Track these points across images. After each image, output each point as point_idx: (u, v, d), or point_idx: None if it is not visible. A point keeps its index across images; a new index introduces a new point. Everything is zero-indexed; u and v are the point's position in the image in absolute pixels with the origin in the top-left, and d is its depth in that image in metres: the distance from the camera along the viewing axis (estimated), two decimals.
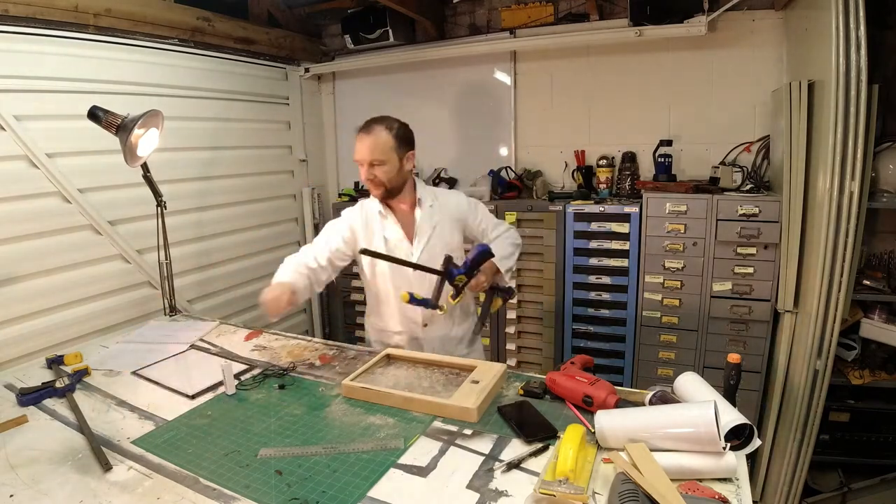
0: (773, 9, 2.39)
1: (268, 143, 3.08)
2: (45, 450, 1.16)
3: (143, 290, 2.33)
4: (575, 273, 2.57)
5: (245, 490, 1.01)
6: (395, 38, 2.91)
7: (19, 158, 1.89)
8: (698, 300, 2.34)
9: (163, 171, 2.17)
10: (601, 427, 1.05)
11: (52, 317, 2.00)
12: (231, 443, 1.17)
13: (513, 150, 3.03)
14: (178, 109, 2.40)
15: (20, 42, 1.89)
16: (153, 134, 1.88)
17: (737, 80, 2.50)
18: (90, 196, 2.10)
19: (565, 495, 0.89)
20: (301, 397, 1.39)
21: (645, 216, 2.36)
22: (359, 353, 1.67)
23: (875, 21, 1.78)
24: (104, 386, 1.49)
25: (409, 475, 1.04)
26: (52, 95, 1.98)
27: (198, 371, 1.56)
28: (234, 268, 2.83)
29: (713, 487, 0.93)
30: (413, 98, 3.22)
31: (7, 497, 1.00)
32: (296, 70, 3.24)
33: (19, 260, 1.90)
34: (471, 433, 1.18)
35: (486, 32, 2.96)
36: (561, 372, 1.32)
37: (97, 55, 2.13)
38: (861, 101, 1.76)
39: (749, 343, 2.30)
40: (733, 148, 2.52)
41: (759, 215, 2.16)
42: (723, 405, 1.04)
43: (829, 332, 1.95)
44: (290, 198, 3.27)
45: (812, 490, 2.29)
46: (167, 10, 2.39)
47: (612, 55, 2.70)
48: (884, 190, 2.06)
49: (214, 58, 2.67)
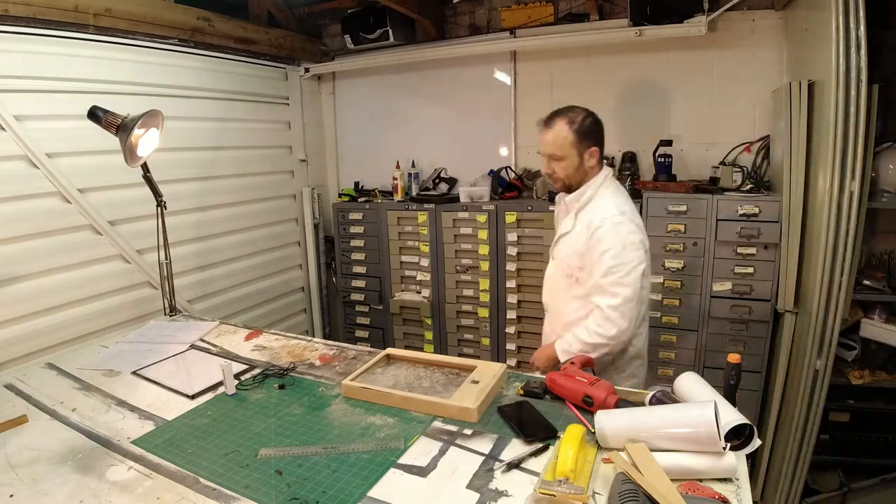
0: (773, 9, 2.39)
1: (268, 143, 3.08)
2: (45, 450, 1.16)
3: (143, 290, 2.33)
4: None
5: (245, 490, 1.01)
6: (395, 38, 2.91)
7: (19, 158, 1.89)
8: (698, 300, 2.34)
9: (163, 171, 2.17)
10: (601, 427, 1.05)
11: (52, 317, 2.00)
12: (231, 443, 1.17)
13: (513, 150, 3.03)
14: (178, 109, 2.40)
15: (20, 42, 1.89)
16: (153, 134, 1.88)
17: (737, 80, 2.50)
18: (90, 196, 2.10)
19: (565, 495, 0.89)
20: (301, 397, 1.39)
21: (645, 216, 2.36)
22: (359, 353, 1.67)
23: (875, 21, 1.78)
24: (104, 386, 1.48)
25: (409, 475, 1.04)
26: (52, 95, 1.98)
27: (198, 371, 1.56)
28: (234, 268, 2.83)
29: (713, 487, 0.93)
30: (413, 98, 3.22)
31: (7, 497, 1.00)
32: (296, 70, 3.24)
33: (19, 260, 1.90)
34: (471, 433, 1.18)
35: (486, 32, 2.96)
36: (561, 372, 1.32)
37: (97, 55, 2.13)
38: (861, 101, 1.76)
39: (749, 343, 2.30)
40: (733, 148, 2.52)
41: (759, 215, 2.16)
42: (723, 405, 1.04)
43: (830, 332, 1.95)
44: (290, 198, 3.27)
45: (812, 490, 2.28)
46: (167, 10, 2.39)
47: (612, 55, 2.70)
48: (884, 190, 2.06)
49: (214, 58, 2.67)
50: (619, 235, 1.48)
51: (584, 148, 1.57)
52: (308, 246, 3.34)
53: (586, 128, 1.56)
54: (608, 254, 1.48)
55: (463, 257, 2.83)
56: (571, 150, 1.56)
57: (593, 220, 1.53)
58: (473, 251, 2.79)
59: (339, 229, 3.20)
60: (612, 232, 1.49)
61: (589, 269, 1.54)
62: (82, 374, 1.57)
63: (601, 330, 1.49)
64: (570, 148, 1.56)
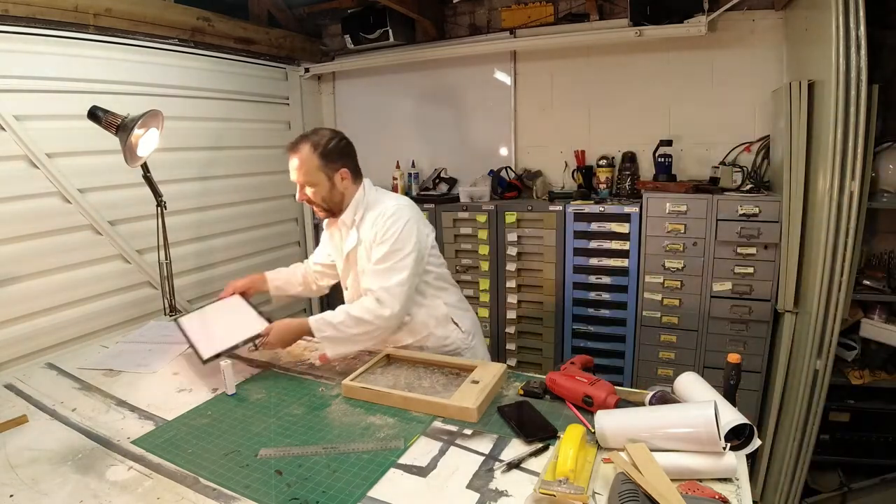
0: (773, 9, 2.39)
1: (268, 143, 3.08)
2: (45, 450, 1.16)
3: (143, 290, 2.33)
4: (575, 273, 2.57)
5: (245, 490, 1.01)
6: (395, 38, 2.91)
7: (19, 158, 1.89)
8: (698, 300, 2.34)
9: (163, 171, 2.17)
10: (601, 427, 1.05)
11: (52, 317, 2.00)
12: (231, 443, 1.17)
13: (513, 150, 3.03)
14: (178, 109, 2.40)
15: (20, 42, 1.89)
16: (153, 134, 1.88)
17: (737, 80, 2.50)
18: (90, 196, 2.10)
19: (565, 495, 0.89)
20: (301, 397, 1.39)
21: (645, 216, 2.36)
22: (359, 353, 1.66)
23: (875, 21, 1.78)
24: (104, 386, 1.48)
25: (409, 475, 1.04)
26: (52, 95, 1.98)
27: (235, 325, 1.61)
28: (234, 268, 2.83)
29: (713, 487, 0.93)
30: (413, 98, 3.22)
31: (7, 497, 1.00)
32: (296, 70, 3.24)
33: (19, 260, 1.90)
34: (471, 433, 1.18)
35: (486, 32, 2.96)
36: (561, 372, 1.32)
37: (97, 55, 2.13)
38: (861, 101, 1.76)
39: (749, 343, 2.30)
40: (733, 148, 2.52)
41: (759, 215, 2.16)
42: (723, 405, 1.04)
43: (829, 332, 1.95)
44: (290, 198, 3.23)
45: (812, 490, 2.28)
46: (167, 10, 2.39)
47: (612, 55, 2.70)
48: (884, 190, 2.06)
49: (214, 58, 2.67)
50: (385, 230, 1.52)
51: (332, 170, 1.55)
52: (308, 246, 3.34)
53: (333, 148, 1.55)
54: (387, 245, 1.51)
55: (463, 257, 2.83)
56: (320, 173, 1.54)
57: (375, 224, 1.55)
58: (473, 251, 2.79)
59: None
60: (382, 230, 1.53)
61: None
62: (82, 374, 1.57)
63: (368, 315, 1.49)
64: (318, 172, 1.53)
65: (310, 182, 1.55)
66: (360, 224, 1.61)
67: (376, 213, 1.57)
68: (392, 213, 1.54)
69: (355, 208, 1.61)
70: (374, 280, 1.52)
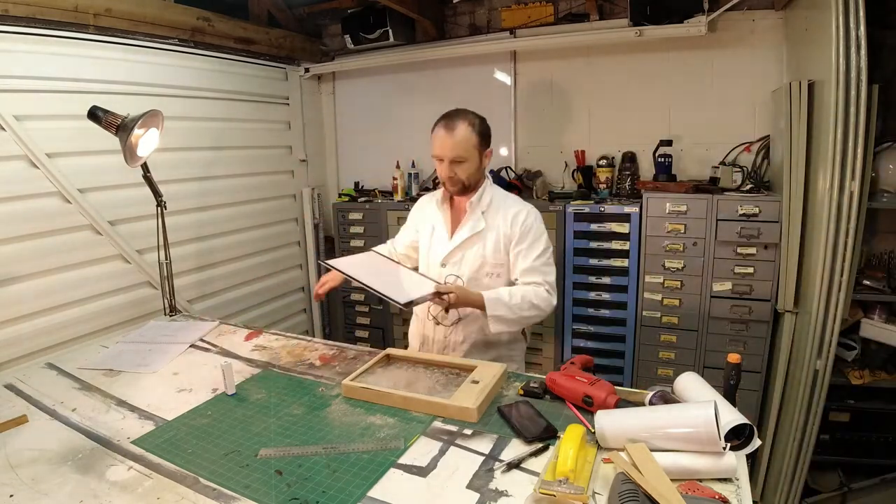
0: (773, 9, 2.39)
1: (268, 143, 3.08)
2: (45, 450, 1.16)
3: (143, 290, 2.33)
4: (575, 273, 2.57)
5: (245, 490, 1.01)
6: (395, 38, 2.91)
7: (19, 158, 1.89)
8: (698, 300, 2.34)
9: (163, 171, 2.17)
10: (601, 427, 1.05)
11: (52, 317, 2.00)
12: (231, 443, 1.17)
13: (513, 150, 3.03)
14: (178, 109, 2.40)
15: (20, 42, 1.89)
16: (153, 134, 1.88)
17: (737, 80, 2.50)
18: (90, 196, 2.10)
19: (565, 495, 0.89)
20: (301, 397, 1.39)
21: (645, 216, 2.36)
22: (359, 354, 1.67)
23: (875, 21, 1.78)
24: (104, 386, 1.48)
25: (409, 475, 1.04)
26: (52, 95, 1.98)
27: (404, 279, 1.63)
28: (234, 268, 2.83)
29: (713, 487, 0.93)
30: (413, 98, 3.22)
31: (7, 497, 1.00)
32: (296, 70, 3.24)
33: (19, 260, 1.90)
34: (471, 433, 1.18)
35: (486, 32, 2.96)
36: (561, 372, 1.32)
37: (97, 55, 2.13)
38: (861, 101, 1.76)
39: (749, 343, 2.30)
40: (733, 148, 2.52)
41: (759, 215, 2.17)
42: (723, 405, 1.04)
43: (829, 332, 1.95)
44: (290, 198, 3.27)
45: (812, 490, 2.28)
46: (167, 10, 2.39)
47: (612, 55, 2.71)
48: (884, 190, 2.06)
49: (214, 58, 2.67)
50: (531, 228, 1.64)
51: (483, 149, 1.65)
52: (308, 246, 3.34)
53: (485, 129, 1.65)
54: (537, 242, 1.64)
55: None
56: (474, 151, 1.62)
57: (516, 218, 1.64)
58: None
59: (339, 229, 3.21)
60: (528, 226, 1.64)
61: (512, 253, 1.65)
62: (82, 374, 1.57)
63: (539, 301, 1.59)
64: (474, 150, 1.62)
65: (463, 158, 1.60)
66: (488, 211, 1.67)
67: (516, 209, 1.66)
68: (537, 214, 1.68)
69: (482, 192, 1.69)
70: (537, 275, 1.62)
